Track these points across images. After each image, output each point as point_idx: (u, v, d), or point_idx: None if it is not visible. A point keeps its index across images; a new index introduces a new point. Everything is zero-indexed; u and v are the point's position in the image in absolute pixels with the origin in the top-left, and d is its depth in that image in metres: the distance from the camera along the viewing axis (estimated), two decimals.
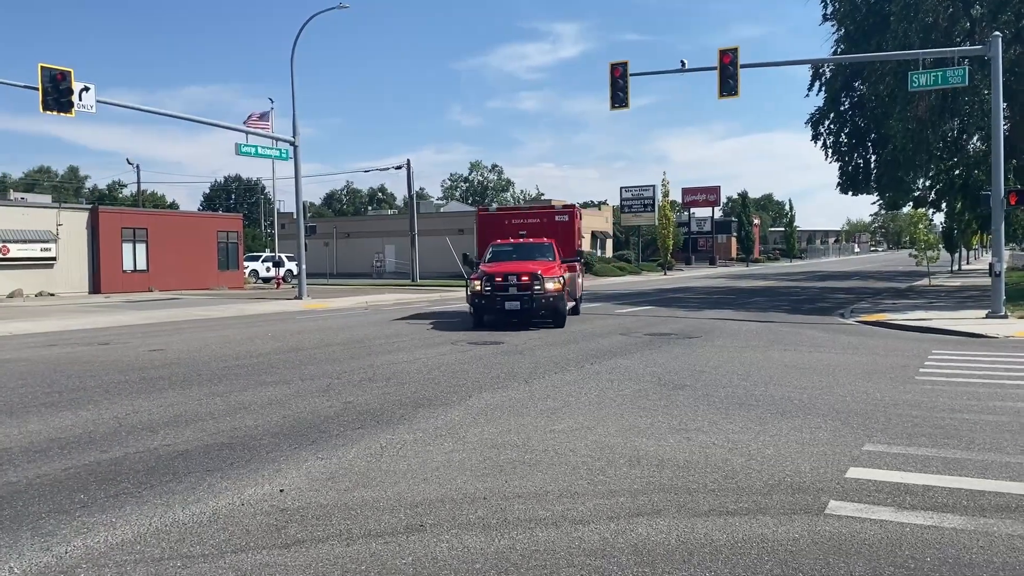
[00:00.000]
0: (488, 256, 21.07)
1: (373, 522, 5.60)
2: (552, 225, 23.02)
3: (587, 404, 9.79)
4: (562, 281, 19.42)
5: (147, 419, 9.14)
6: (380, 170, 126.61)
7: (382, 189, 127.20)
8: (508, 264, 20.05)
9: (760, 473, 6.67)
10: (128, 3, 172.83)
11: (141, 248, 42.15)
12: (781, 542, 5.14)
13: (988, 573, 4.62)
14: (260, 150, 32.50)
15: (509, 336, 17.52)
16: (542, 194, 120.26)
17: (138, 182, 73.83)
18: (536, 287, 18.91)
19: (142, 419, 9.14)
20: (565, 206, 23.32)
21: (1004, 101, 24.01)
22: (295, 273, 41.72)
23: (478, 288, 19.36)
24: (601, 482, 6.50)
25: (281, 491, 6.33)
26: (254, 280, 53.64)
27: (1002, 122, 22.26)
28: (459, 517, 5.68)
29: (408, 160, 52.18)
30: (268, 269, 53.48)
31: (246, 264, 52.20)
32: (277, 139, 33.64)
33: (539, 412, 9.31)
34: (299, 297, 33.22)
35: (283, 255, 51.57)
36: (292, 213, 42.11)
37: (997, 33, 21.50)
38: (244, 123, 35.44)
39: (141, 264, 42.08)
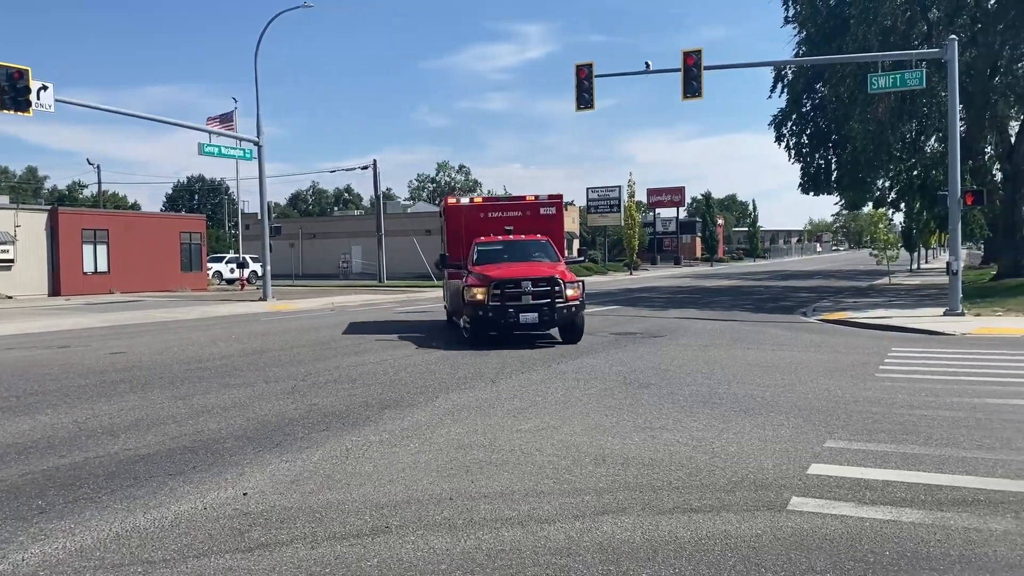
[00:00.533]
0: (475, 257, 17.18)
1: (338, 524, 5.57)
2: (536, 220, 18.93)
3: (553, 403, 9.82)
4: (581, 287, 16.13)
5: (108, 423, 9.00)
6: (346, 170, 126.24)
7: (348, 189, 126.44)
8: (511, 267, 16.34)
9: (724, 470, 6.74)
10: (87, 1, 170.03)
11: (102, 250, 41.45)
12: (744, 538, 5.20)
13: (945, 565, 4.72)
14: (224, 150, 32.13)
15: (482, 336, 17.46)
16: (510, 195, 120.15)
17: (99, 182, 72.66)
18: (557, 295, 15.45)
19: (103, 423, 9.00)
20: (551, 196, 19.18)
21: (960, 103, 24.53)
22: (260, 274, 41.34)
23: (480, 297, 15.45)
24: (567, 481, 6.53)
25: (245, 494, 6.27)
26: (218, 282, 53.01)
27: (958, 123, 22.69)
28: (425, 518, 5.67)
29: (375, 160, 52.02)
30: (232, 270, 52.91)
31: (210, 265, 51.59)
32: (241, 139, 33.29)
33: (506, 412, 9.32)
34: (264, 299, 32.90)
35: (247, 256, 51.01)
36: (257, 214, 41.72)
37: (953, 36, 21.94)
38: (208, 123, 34.97)
39: (102, 266, 41.39)
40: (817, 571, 4.67)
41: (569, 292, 15.58)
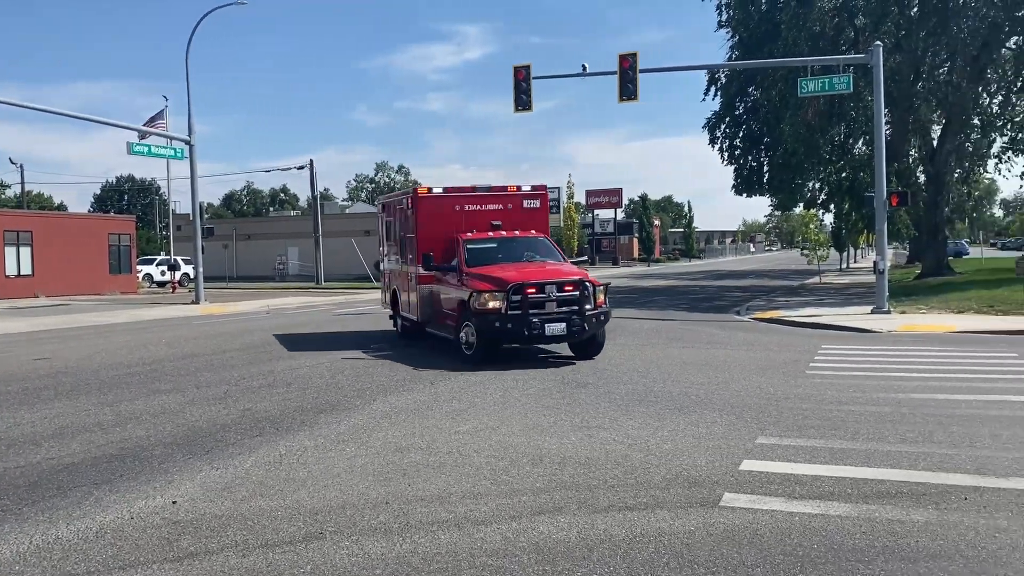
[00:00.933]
0: (466, 257, 14.54)
1: (271, 532, 5.47)
2: (520, 213, 16.22)
3: (492, 404, 9.82)
4: (606, 292, 14.01)
5: (30, 432, 8.68)
6: (282, 170, 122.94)
7: (284, 190, 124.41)
8: (523, 268, 14.11)
9: (659, 468, 6.82)
10: None
11: (26, 252, 39.96)
12: (677, 535, 5.27)
13: (870, 556, 4.85)
14: (154, 149, 31.34)
15: (418, 339, 17.36)
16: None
17: (22, 182, 70.04)
18: (586, 301, 13.24)
19: (24, 432, 8.68)
20: (535, 187, 16.73)
21: (886, 107, 25.31)
22: (192, 277, 40.40)
23: (494, 305, 13.03)
24: (504, 482, 6.53)
25: (174, 503, 6.11)
26: (148, 284, 51.62)
27: (884, 127, 23.43)
28: (360, 523, 5.60)
29: (311, 160, 51.21)
30: (163, 273, 51.55)
31: (140, 268, 50.19)
32: (172, 138, 32.49)
33: (444, 414, 9.28)
34: (196, 301, 32.18)
35: (179, 258, 49.78)
36: (189, 214, 40.82)
37: (878, 42, 22.63)
38: (143, 125, 34.00)
39: (26, 269, 39.91)
40: (748, 566, 4.76)
41: (600, 297, 13.61)
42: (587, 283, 13.38)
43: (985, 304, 21.11)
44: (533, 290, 13.06)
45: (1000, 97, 35.45)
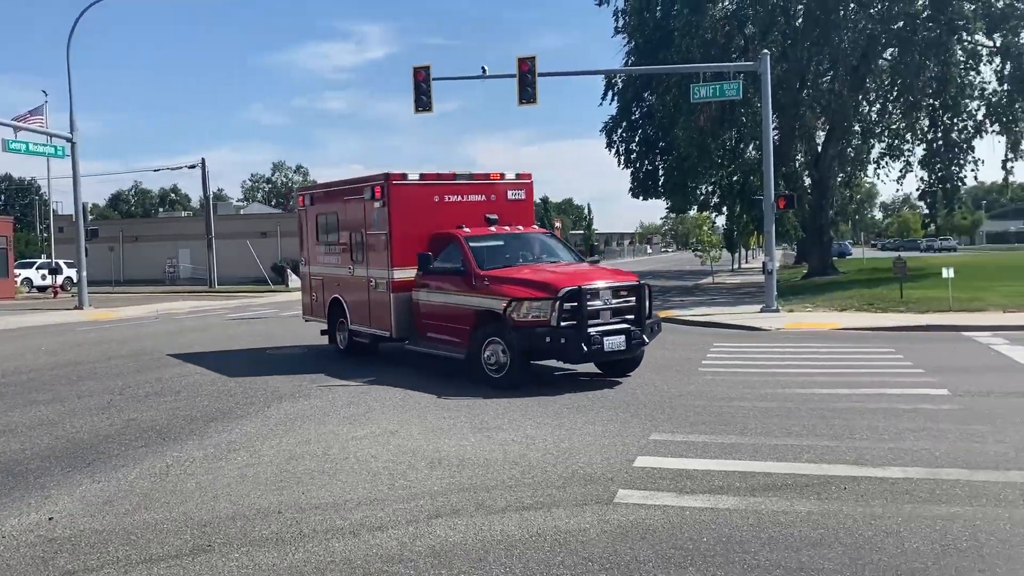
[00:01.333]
0: (473, 259, 11.93)
1: (155, 546, 5.25)
2: (504, 206, 13.97)
3: (391, 408, 9.71)
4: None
5: None
6: (172, 169, 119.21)
7: (175, 190, 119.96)
8: (562, 271, 11.84)
9: (555, 467, 6.88)
10: None
11: None
12: (573, 533, 5.32)
13: (756, 547, 5.02)
14: (31, 147, 29.65)
15: (320, 343, 16.98)
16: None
17: None
18: (642, 309, 11.36)
19: None
20: (519, 175, 14.59)
21: (774, 113, 26.35)
22: (75, 281, 38.49)
23: (541, 316, 10.63)
24: (402, 487, 6.46)
25: (51, 519, 5.79)
26: (28, 289, 48.88)
27: (772, 132, 24.34)
28: (251, 534, 5.44)
29: (203, 159, 49.58)
30: (44, 277, 48.91)
31: (18, 272, 47.45)
32: (52, 135, 30.85)
33: (341, 419, 9.12)
34: (80, 307, 30.64)
35: (61, 261, 47.35)
36: (71, 215, 38.90)
37: (766, 51, 23.51)
38: (13, 119, 32.13)
39: None
40: (641, 561, 4.85)
41: (650, 302, 11.79)
42: (644, 288, 11.48)
43: (866, 302, 22.23)
44: (589, 297, 10.84)
45: (878, 105, 37.42)
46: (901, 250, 73.52)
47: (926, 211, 39.64)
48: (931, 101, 31.99)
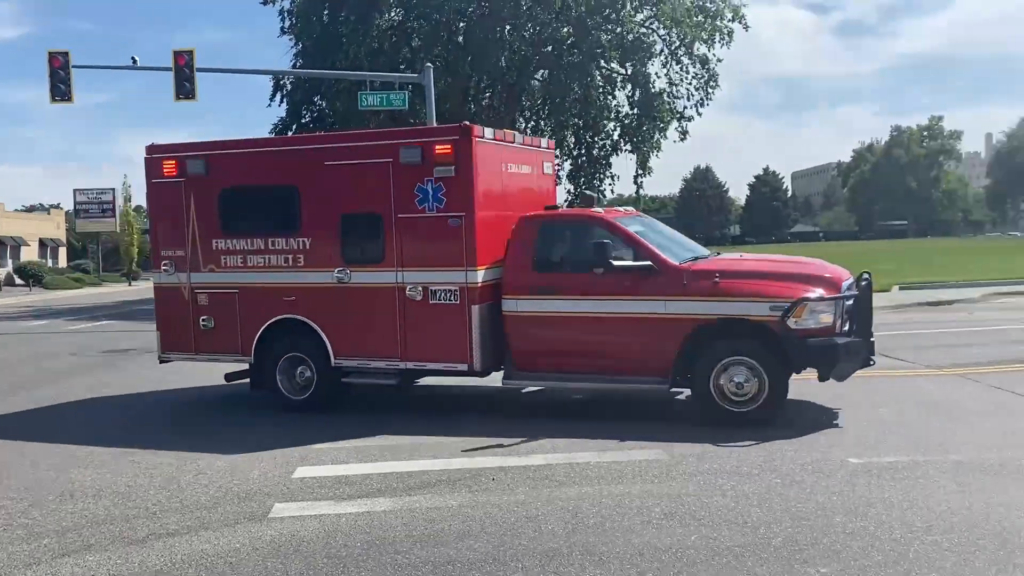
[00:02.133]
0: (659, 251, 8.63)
1: None
2: (545, 179, 10.86)
3: (21, 435, 8.56)
4: None
5: None
6: None
7: None
8: (784, 264, 9.18)
9: (208, 487, 6.52)
10: None
11: None
12: (221, 555, 5.07)
13: (408, 546, 5.14)
14: None
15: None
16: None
17: None
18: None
19: None
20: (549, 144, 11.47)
21: (441, 125, 27.34)
22: None
23: (827, 321, 7.90)
24: (22, 526, 5.73)
25: None
26: None
27: None
28: None
29: None
30: None
31: None
32: None
33: None
34: None
35: None
36: None
37: (429, 64, 24.42)
38: None
39: None
40: (292, 575, 4.75)
41: None
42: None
43: None
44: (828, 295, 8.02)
45: (533, 122, 40.48)
46: None
47: None
48: (576, 120, 35.34)
